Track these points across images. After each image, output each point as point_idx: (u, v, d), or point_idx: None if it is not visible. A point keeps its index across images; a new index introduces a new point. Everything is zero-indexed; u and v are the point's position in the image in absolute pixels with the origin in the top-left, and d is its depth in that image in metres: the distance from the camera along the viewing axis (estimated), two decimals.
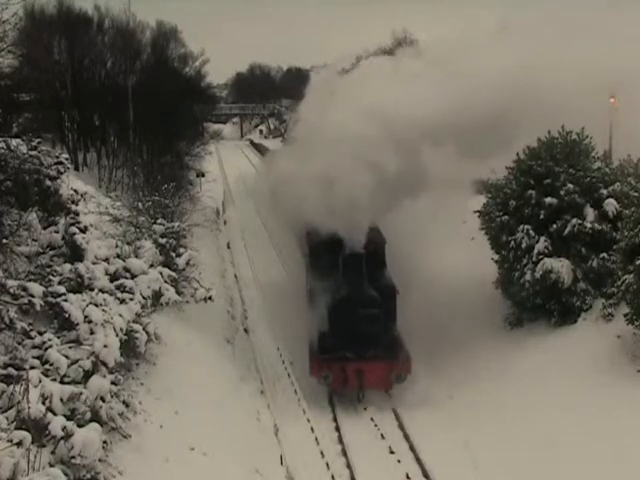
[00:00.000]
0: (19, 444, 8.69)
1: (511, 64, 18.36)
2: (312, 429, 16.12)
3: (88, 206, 18.94)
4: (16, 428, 9.21)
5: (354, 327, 17.70)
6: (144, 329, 14.80)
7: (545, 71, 18.07)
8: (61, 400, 10.37)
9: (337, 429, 16.42)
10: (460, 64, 19.30)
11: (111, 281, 15.19)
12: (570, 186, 18.12)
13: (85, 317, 12.93)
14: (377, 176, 18.06)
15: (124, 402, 12.38)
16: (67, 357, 11.67)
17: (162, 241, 19.83)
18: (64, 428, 9.74)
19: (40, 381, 10.42)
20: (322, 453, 15.09)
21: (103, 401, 11.48)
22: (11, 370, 10.79)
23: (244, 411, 16.25)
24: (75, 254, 15.17)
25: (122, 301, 14.66)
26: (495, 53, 19.28)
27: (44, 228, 15.63)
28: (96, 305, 13.45)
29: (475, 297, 21.00)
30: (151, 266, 17.10)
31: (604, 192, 18.19)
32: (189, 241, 24.38)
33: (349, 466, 14.69)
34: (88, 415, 10.80)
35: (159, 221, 21.51)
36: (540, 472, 13.27)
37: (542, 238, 18.26)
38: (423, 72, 19.81)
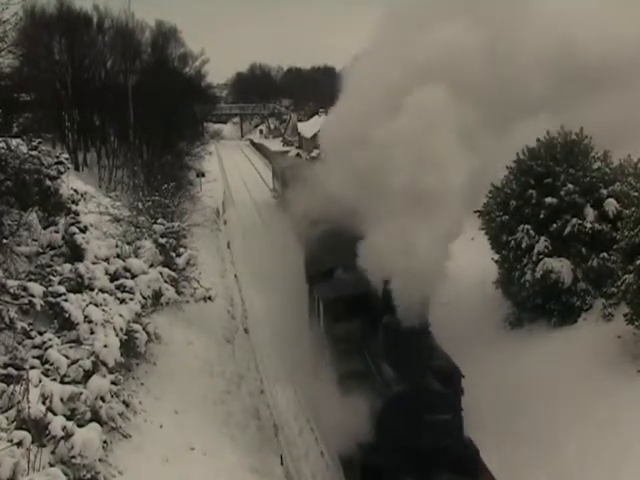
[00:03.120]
0: (19, 444, 8.71)
1: None
2: (312, 429, 16.11)
3: (88, 206, 19.00)
4: (16, 428, 9.22)
5: (417, 441, 12.00)
6: (144, 329, 14.83)
7: None
8: (61, 400, 10.39)
9: None
10: None
11: (111, 281, 15.21)
12: (570, 186, 18.11)
13: (85, 317, 12.96)
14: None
15: (124, 402, 12.39)
16: (67, 357, 11.69)
17: (162, 241, 19.84)
18: (64, 428, 9.75)
19: (40, 381, 10.43)
20: (322, 453, 15.08)
21: (103, 401, 11.50)
22: (11, 370, 10.81)
23: (244, 411, 16.25)
24: (75, 254, 15.20)
25: (122, 301, 14.69)
26: None
27: (44, 228, 15.65)
28: (96, 305, 13.48)
29: (475, 297, 20.99)
30: (151, 266, 17.13)
31: (604, 192, 18.18)
32: (189, 241, 24.39)
33: None
34: (88, 415, 10.82)
35: (159, 221, 21.53)
36: (540, 471, 13.28)
37: (542, 238, 18.25)
38: None
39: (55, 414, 10.03)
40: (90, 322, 12.89)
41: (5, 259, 14.02)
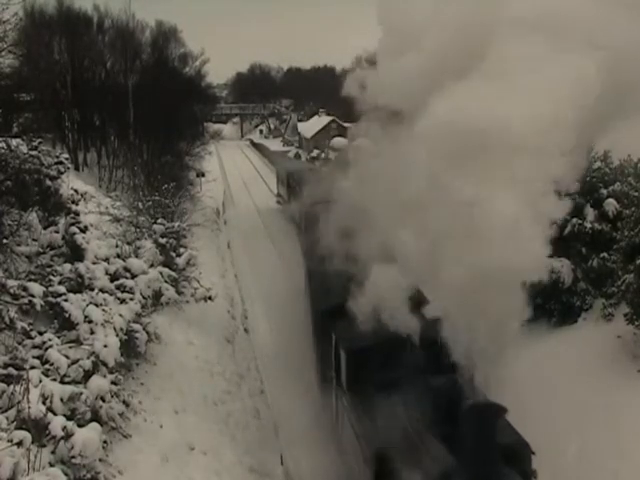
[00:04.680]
0: (19, 444, 8.70)
1: None
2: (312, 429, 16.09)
3: (88, 206, 19.01)
4: (16, 428, 9.22)
5: None
6: (144, 329, 14.82)
7: None
8: (61, 400, 10.38)
9: None
10: None
11: (111, 281, 15.21)
12: None
13: (85, 317, 12.96)
14: None
15: (124, 402, 12.39)
16: (67, 357, 11.68)
17: (162, 241, 19.83)
18: (64, 428, 9.75)
19: (40, 381, 10.43)
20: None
21: (103, 401, 11.49)
22: (11, 370, 10.80)
23: (244, 411, 16.25)
24: (75, 254, 15.19)
25: (122, 301, 14.68)
26: None
27: (44, 228, 15.65)
28: (96, 305, 13.48)
29: None
30: (151, 266, 17.13)
31: (604, 192, 18.18)
32: (189, 241, 24.39)
33: None
34: (88, 415, 10.81)
35: (159, 221, 21.52)
36: (539, 471, 13.25)
37: None
38: None
39: (55, 414, 10.02)
40: (90, 322, 12.89)
41: (5, 259, 14.01)
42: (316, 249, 16.88)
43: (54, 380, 10.85)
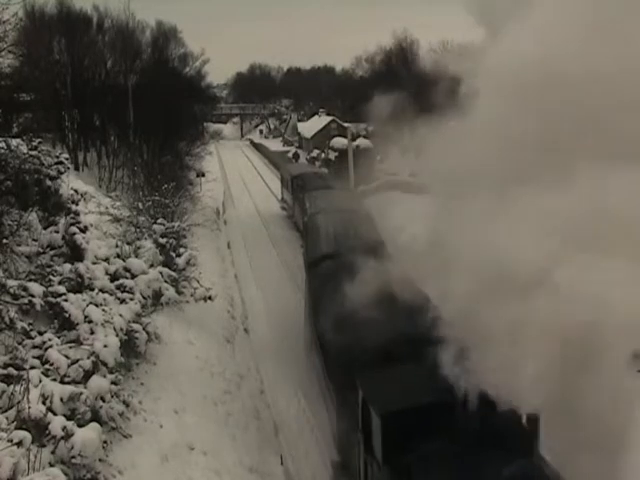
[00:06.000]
0: (19, 444, 8.69)
1: None
2: (313, 430, 16.09)
3: (88, 206, 19.04)
4: (16, 428, 9.22)
5: None
6: (144, 329, 14.82)
7: None
8: (61, 400, 10.38)
9: None
10: None
11: (111, 281, 15.21)
12: None
13: (85, 317, 12.96)
14: None
15: (124, 402, 12.38)
16: (67, 357, 11.69)
17: (162, 241, 19.83)
18: (64, 428, 9.75)
19: (40, 381, 10.44)
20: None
21: (103, 401, 11.49)
22: (11, 370, 10.81)
23: (244, 411, 16.25)
24: (75, 254, 15.21)
25: (122, 301, 14.69)
26: None
27: (44, 228, 15.66)
28: (96, 305, 13.49)
29: None
30: (151, 266, 17.13)
31: None
32: (189, 241, 24.38)
33: None
34: (88, 415, 10.81)
35: (159, 221, 21.52)
36: None
37: None
38: None
39: (55, 414, 10.03)
40: (90, 322, 12.90)
41: (5, 259, 14.02)
42: (319, 260, 16.78)
43: (54, 380, 10.86)
